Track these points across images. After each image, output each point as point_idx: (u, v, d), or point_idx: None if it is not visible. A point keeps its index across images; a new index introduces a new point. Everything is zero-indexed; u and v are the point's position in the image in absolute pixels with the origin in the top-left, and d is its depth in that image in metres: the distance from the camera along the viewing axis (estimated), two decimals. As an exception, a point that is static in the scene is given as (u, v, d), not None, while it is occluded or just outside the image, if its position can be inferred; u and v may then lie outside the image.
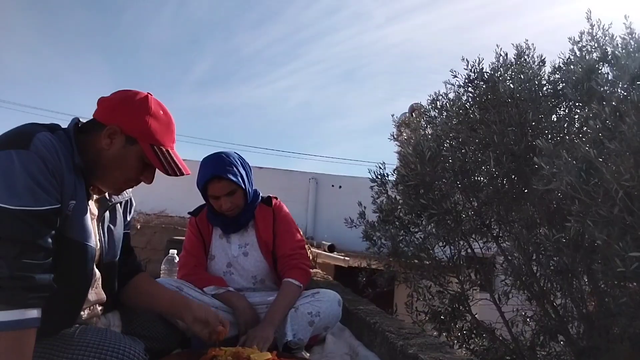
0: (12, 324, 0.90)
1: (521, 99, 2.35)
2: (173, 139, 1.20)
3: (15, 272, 0.91)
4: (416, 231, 3.01)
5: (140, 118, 1.13)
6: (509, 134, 2.33)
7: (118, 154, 1.12)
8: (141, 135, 1.13)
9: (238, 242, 1.91)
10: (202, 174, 1.79)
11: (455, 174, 2.58)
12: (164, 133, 1.16)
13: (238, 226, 1.89)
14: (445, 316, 2.93)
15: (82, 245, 1.08)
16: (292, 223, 1.96)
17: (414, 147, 2.65)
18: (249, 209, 1.87)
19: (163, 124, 1.16)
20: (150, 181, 1.20)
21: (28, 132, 1.01)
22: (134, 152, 1.13)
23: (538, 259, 2.24)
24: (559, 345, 2.43)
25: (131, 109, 1.14)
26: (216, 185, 1.75)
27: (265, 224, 1.90)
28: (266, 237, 1.88)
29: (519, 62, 2.60)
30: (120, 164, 1.13)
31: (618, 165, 1.63)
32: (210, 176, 1.75)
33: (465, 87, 2.73)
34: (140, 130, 1.12)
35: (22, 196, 0.93)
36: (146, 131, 1.13)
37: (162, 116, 1.17)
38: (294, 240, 1.90)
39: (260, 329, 1.59)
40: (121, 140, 1.12)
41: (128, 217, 1.38)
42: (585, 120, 2.00)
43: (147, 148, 1.13)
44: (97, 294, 1.22)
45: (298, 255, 1.86)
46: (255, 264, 1.89)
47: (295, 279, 1.79)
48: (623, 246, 1.57)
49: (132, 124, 1.12)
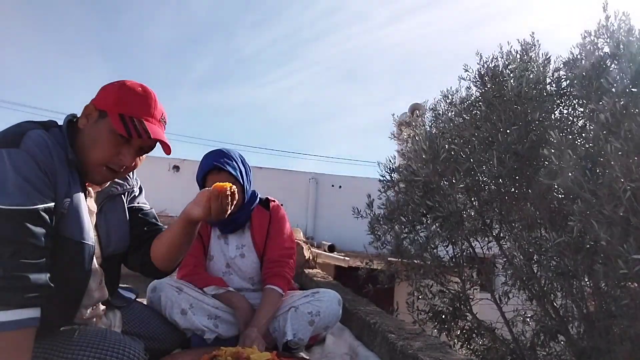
0: (9, 325, 0.90)
1: (527, 97, 2.34)
2: (150, 113, 1.13)
3: (10, 272, 0.90)
4: (420, 229, 3.00)
5: (111, 91, 1.12)
6: (512, 132, 2.32)
7: (91, 131, 1.10)
8: (110, 105, 1.10)
9: (235, 243, 1.91)
10: (202, 166, 1.79)
11: (460, 174, 2.57)
12: (136, 104, 1.11)
13: (235, 226, 1.88)
14: (446, 315, 2.93)
15: (79, 243, 1.06)
16: (285, 228, 1.94)
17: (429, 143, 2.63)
18: (246, 209, 1.87)
19: (137, 95, 1.12)
20: (130, 161, 1.13)
21: (19, 131, 1.00)
22: (104, 124, 1.09)
23: (539, 260, 2.24)
24: (559, 345, 2.43)
25: (108, 87, 1.13)
26: (215, 177, 1.73)
27: (261, 226, 1.90)
28: (259, 240, 1.89)
29: (524, 59, 2.58)
30: (95, 141, 1.09)
31: (625, 163, 1.61)
32: (210, 166, 1.74)
33: (475, 82, 2.72)
34: (110, 102, 1.10)
35: (14, 195, 0.92)
36: (115, 101, 1.10)
37: (139, 90, 1.13)
38: (282, 247, 1.88)
39: (246, 335, 1.59)
40: (95, 117, 1.11)
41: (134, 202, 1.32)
42: (590, 118, 1.98)
43: (115, 116, 1.08)
44: (101, 291, 1.21)
45: (283, 263, 1.85)
46: (252, 266, 1.89)
47: (278, 286, 1.79)
48: (627, 248, 1.56)
49: (104, 98, 1.11)
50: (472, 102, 2.78)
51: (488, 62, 2.63)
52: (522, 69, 2.45)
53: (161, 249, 1.24)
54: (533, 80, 2.35)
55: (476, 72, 2.68)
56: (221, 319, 1.73)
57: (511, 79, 2.38)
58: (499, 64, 2.60)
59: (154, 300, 1.70)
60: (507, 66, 2.55)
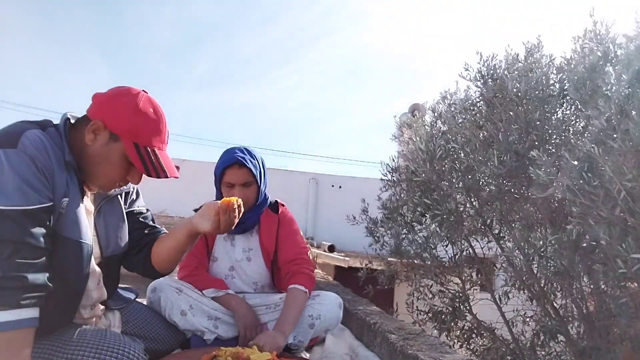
0: (8, 325, 0.90)
1: (528, 98, 2.34)
2: (163, 140, 1.14)
3: (9, 273, 0.90)
4: (420, 229, 3.00)
5: (124, 114, 1.09)
6: (513, 132, 2.32)
7: (101, 150, 1.10)
8: (124, 132, 1.09)
9: (242, 246, 1.88)
10: (222, 160, 1.76)
11: (458, 173, 2.57)
12: (150, 132, 1.11)
13: (244, 227, 1.85)
14: (446, 316, 2.93)
15: (77, 243, 1.06)
16: (295, 230, 1.92)
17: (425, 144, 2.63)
18: (258, 210, 1.85)
19: (151, 122, 1.12)
20: (137, 181, 1.17)
21: (16, 131, 1.00)
22: (116, 149, 1.10)
23: (539, 260, 2.24)
24: (559, 345, 2.43)
25: (117, 104, 1.10)
26: (235, 172, 1.73)
27: (269, 231, 1.87)
28: (269, 244, 1.86)
29: (528, 60, 2.58)
30: (103, 161, 1.10)
31: (620, 165, 1.62)
32: (233, 160, 1.72)
33: (475, 82, 2.72)
34: (123, 127, 1.09)
35: (12, 196, 0.92)
36: (130, 128, 1.09)
37: (151, 114, 1.12)
38: (297, 246, 1.85)
39: (272, 336, 1.53)
40: (105, 137, 1.10)
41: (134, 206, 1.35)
42: (588, 119, 1.99)
43: (130, 146, 1.09)
44: (99, 291, 1.22)
45: (301, 260, 1.81)
46: (258, 271, 1.88)
47: (301, 284, 1.74)
48: (625, 247, 1.56)
49: (116, 120, 1.09)
50: (473, 102, 2.78)
51: (488, 61, 2.63)
52: (526, 70, 2.45)
53: (162, 255, 1.29)
54: (534, 79, 2.35)
55: (476, 72, 2.68)
56: (221, 320, 1.73)
57: (514, 79, 2.38)
58: (501, 64, 2.60)
59: (154, 300, 1.69)
60: (510, 67, 2.55)
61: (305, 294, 1.74)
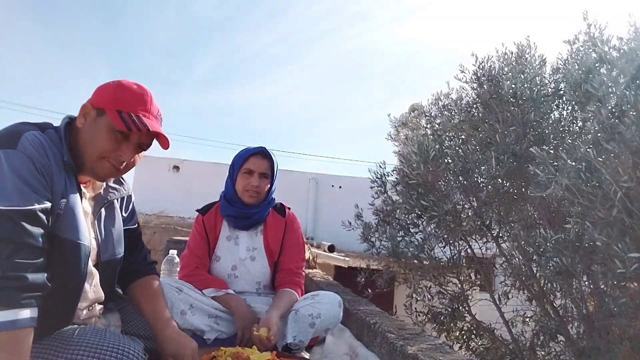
0: (6, 325, 0.90)
1: (523, 98, 2.34)
2: (147, 108, 1.16)
3: (8, 272, 0.90)
4: (416, 232, 3.00)
5: (109, 90, 1.14)
6: (510, 133, 2.33)
7: (89, 128, 1.12)
8: (108, 103, 1.12)
9: (246, 245, 1.91)
10: (247, 149, 1.89)
11: (455, 174, 2.58)
12: (133, 101, 1.13)
13: (250, 223, 1.90)
14: (445, 316, 2.93)
15: (75, 243, 1.07)
16: (301, 242, 1.99)
17: (418, 145, 2.64)
18: (265, 207, 1.90)
19: (134, 93, 1.15)
20: (129, 157, 1.15)
21: (15, 132, 1.01)
22: (103, 122, 1.11)
23: (538, 260, 2.24)
24: (559, 345, 2.43)
25: (104, 86, 1.16)
26: (259, 161, 1.85)
27: (275, 232, 1.91)
28: (273, 245, 1.90)
29: (520, 60, 2.59)
30: (93, 138, 1.11)
31: (617, 166, 1.63)
32: (258, 150, 1.86)
33: (471, 83, 2.73)
34: (107, 99, 1.13)
35: (11, 196, 0.93)
36: (113, 99, 1.12)
37: (135, 88, 1.16)
38: (299, 258, 1.94)
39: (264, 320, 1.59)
40: (92, 115, 1.13)
41: (124, 213, 1.37)
42: (584, 121, 2.00)
43: (113, 114, 1.10)
44: (96, 292, 1.22)
45: (299, 274, 1.92)
46: (261, 270, 1.90)
47: (294, 291, 1.84)
48: (623, 247, 1.56)
49: (101, 97, 1.14)
50: (469, 103, 2.79)
51: (484, 63, 2.64)
52: (517, 71, 2.46)
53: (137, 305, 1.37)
54: (527, 80, 2.36)
55: (472, 74, 2.69)
56: (221, 319, 1.73)
57: (507, 80, 2.39)
58: (495, 65, 2.61)
59: (153, 300, 1.69)
60: (503, 67, 2.56)
61: (296, 299, 1.82)
